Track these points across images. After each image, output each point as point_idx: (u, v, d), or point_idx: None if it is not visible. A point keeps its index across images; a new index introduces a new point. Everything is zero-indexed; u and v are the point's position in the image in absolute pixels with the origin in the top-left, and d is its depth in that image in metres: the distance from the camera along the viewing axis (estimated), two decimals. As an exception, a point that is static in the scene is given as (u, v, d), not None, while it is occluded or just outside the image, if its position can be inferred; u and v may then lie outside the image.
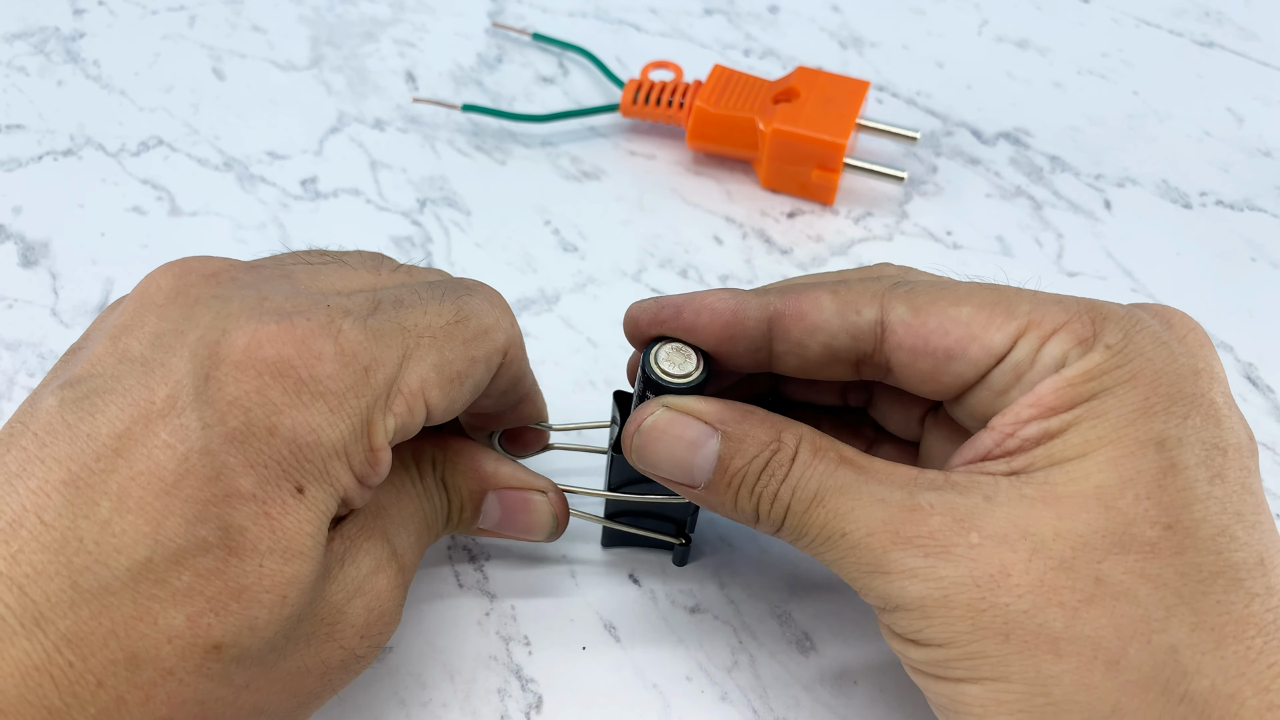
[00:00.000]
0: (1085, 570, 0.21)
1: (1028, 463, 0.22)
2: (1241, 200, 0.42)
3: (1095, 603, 0.21)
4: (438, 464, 0.28)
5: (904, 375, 0.25)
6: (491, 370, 0.26)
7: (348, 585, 0.24)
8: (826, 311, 0.24)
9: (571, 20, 0.48)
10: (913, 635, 0.22)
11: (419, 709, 0.29)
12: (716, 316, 0.25)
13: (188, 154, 0.42)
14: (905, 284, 0.25)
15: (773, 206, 0.41)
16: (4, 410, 0.35)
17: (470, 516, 0.28)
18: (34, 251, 0.39)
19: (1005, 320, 0.23)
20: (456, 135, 0.43)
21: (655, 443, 0.25)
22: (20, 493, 0.21)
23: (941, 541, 0.22)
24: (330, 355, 0.23)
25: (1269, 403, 0.36)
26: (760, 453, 0.24)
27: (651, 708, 0.29)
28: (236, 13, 0.48)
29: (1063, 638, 0.21)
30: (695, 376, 0.25)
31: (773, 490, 0.24)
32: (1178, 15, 0.49)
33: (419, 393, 0.24)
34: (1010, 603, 0.21)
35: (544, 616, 0.31)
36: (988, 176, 0.42)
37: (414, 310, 0.25)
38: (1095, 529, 0.21)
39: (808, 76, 0.41)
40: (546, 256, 0.39)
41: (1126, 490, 0.21)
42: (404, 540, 0.26)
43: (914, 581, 0.22)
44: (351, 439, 0.23)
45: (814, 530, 0.23)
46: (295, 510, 0.22)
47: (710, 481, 0.24)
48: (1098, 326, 0.23)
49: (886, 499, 0.23)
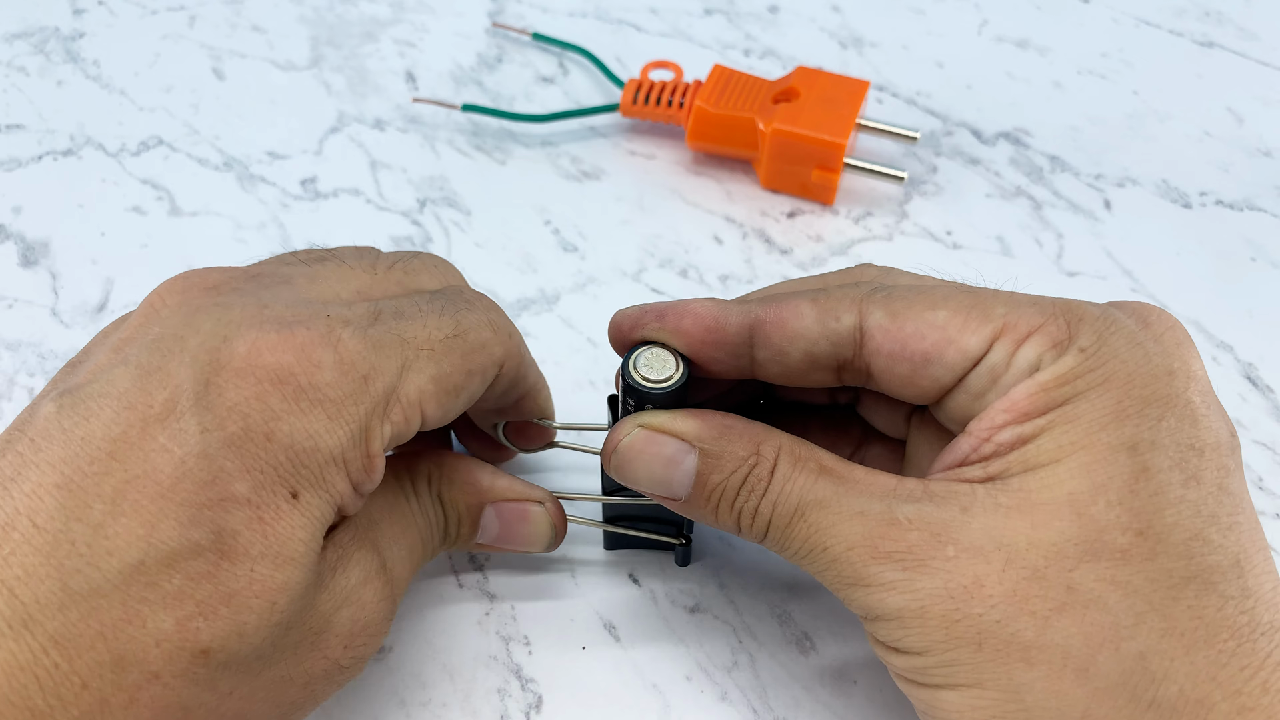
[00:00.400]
0: (1057, 579, 0.21)
1: (1003, 468, 0.23)
2: (1241, 200, 0.42)
3: (1066, 611, 0.21)
4: (434, 480, 0.28)
5: (884, 380, 0.25)
6: (486, 382, 0.26)
7: (336, 595, 0.24)
8: (807, 319, 0.25)
9: (571, 20, 0.48)
10: (893, 643, 0.23)
11: (419, 709, 0.29)
12: (699, 323, 0.25)
13: (188, 154, 0.42)
14: (883, 289, 0.25)
15: (773, 206, 0.41)
16: (3, 410, 0.35)
17: (468, 531, 0.29)
18: (34, 251, 0.39)
19: (980, 324, 0.23)
20: (456, 135, 0.43)
21: (633, 462, 0.25)
22: (14, 496, 0.21)
23: (919, 555, 0.22)
24: (330, 364, 0.23)
25: (1269, 403, 0.36)
26: (738, 468, 0.24)
27: (651, 708, 0.29)
28: (236, 13, 0.48)
29: (1033, 646, 0.21)
30: (674, 381, 0.25)
31: (753, 506, 0.24)
32: (1178, 15, 0.49)
33: (416, 403, 0.24)
34: (983, 613, 0.21)
35: (544, 616, 0.31)
36: (988, 176, 0.42)
37: (414, 322, 0.25)
38: (1067, 537, 0.21)
39: (808, 76, 0.41)
40: (546, 256, 0.39)
41: (1098, 497, 0.21)
42: (396, 554, 0.26)
43: (892, 594, 0.22)
44: (349, 446, 0.23)
45: (795, 544, 0.24)
46: (289, 516, 0.22)
47: (690, 496, 0.25)
48: (1073, 328, 0.23)
49: (866, 511, 0.23)
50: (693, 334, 0.25)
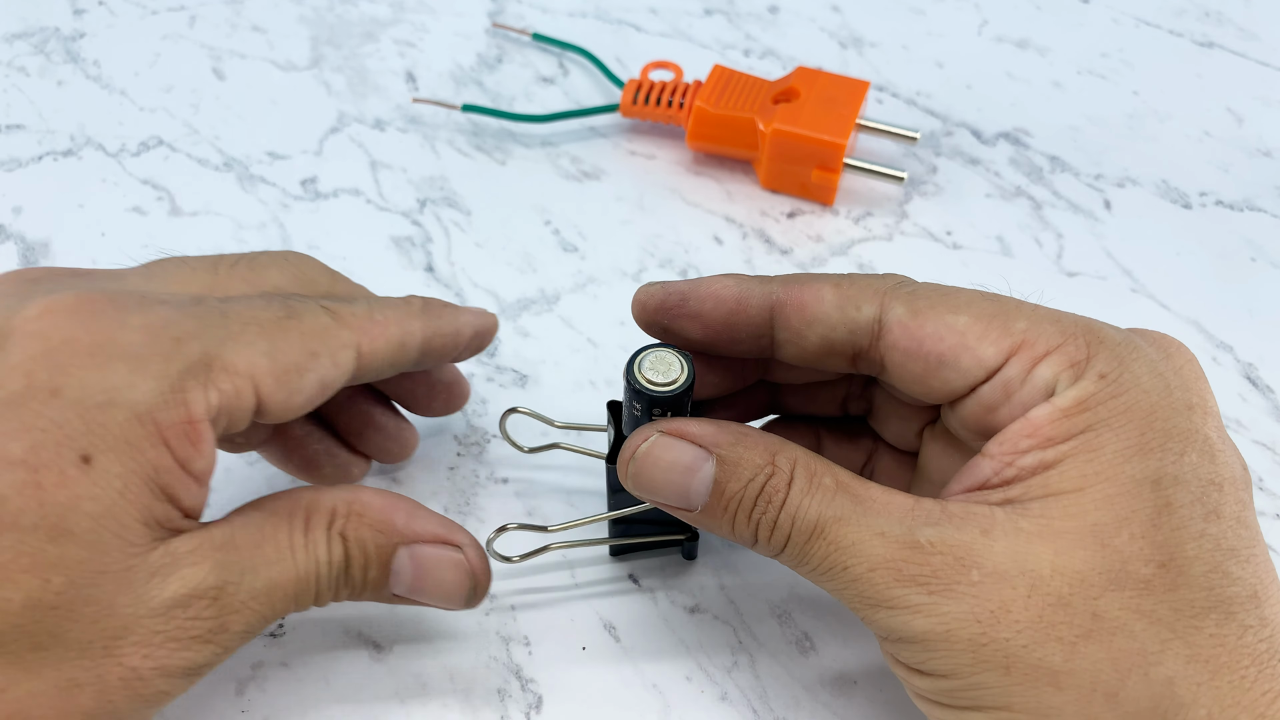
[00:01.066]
0: (1082, 606, 0.21)
1: (1022, 492, 0.23)
2: (1241, 200, 0.42)
3: (1092, 638, 0.21)
4: (339, 516, 0.25)
5: (896, 375, 0.25)
6: (342, 367, 0.25)
7: (144, 602, 0.21)
8: (827, 304, 0.25)
9: (571, 20, 0.48)
10: (916, 665, 0.23)
11: (419, 709, 0.29)
12: (721, 303, 0.25)
13: (188, 154, 0.42)
14: (908, 285, 0.25)
15: (773, 206, 0.41)
16: (4, 410, 0.35)
17: (378, 576, 0.25)
18: (34, 251, 0.39)
19: (1000, 335, 0.23)
20: (456, 135, 0.43)
21: (651, 468, 0.25)
22: None
23: (944, 579, 0.22)
24: (136, 325, 0.21)
25: (1269, 403, 0.36)
26: (755, 476, 0.24)
27: (651, 708, 0.29)
28: (236, 13, 0.48)
29: (1062, 671, 0.21)
30: (680, 384, 0.25)
31: (771, 518, 0.24)
32: (1178, 15, 0.49)
33: (247, 375, 0.23)
34: (1010, 638, 0.22)
35: (544, 616, 0.31)
36: (987, 176, 0.42)
37: (239, 303, 0.24)
38: (1092, 566, 0.22)
39: (808, 76, 0.41)
40: (546, 256, 0.39)
41: (1122, 529, 0.22)
42: (246, 586, 0.23)
43: (918, 617, 0.22)
44: (159, 405, 0.21)
45: (814, 561, 0.23)
46: (76, 483, 0.20)
47: (707, 505, 0.24)
48: (1092, 351, 0.23)
49: (886, 533, 0.23)
50: (715, 316, 0.25)
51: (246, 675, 0.29)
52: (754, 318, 0.25)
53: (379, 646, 0.30)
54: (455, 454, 0.34)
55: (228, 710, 0.29)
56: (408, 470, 0.34)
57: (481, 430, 0.35)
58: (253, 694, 0.29)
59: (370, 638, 0.30)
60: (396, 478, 0.33)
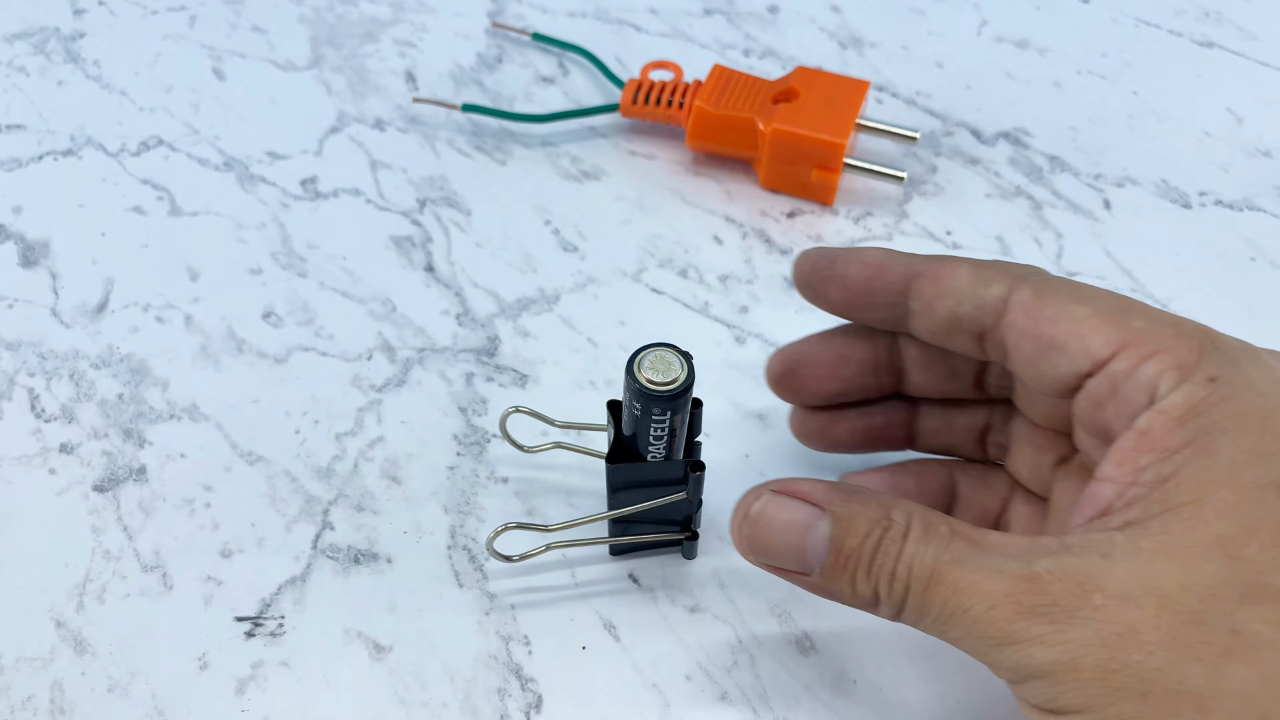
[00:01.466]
0: (1218, 623, 0.20)
1: (1142, 512, 0.22)
2: (1241, 200, 0.42)
3: (1235, 655, 0.20)
4: None
5: (1014, 357, 0.25)
6: None
7: None
8: (961, 279, 0.25)
9: (571, 20, 0.48)
10: (1049, 705, 0.22)
11: (419, 709, 0.29)
12: (865, 267, 0.27)
13: (188, 154, 0.42)
14: (1041, 274, 0.25)
15: (772, 206, 0.41)
16: (3, 409, 0.35)
17: None
18: (34, 251, 0.39)
19: (1114, 330, 0.23)
20: (456, 135, 0.43)
21: (765, 530, 0.24)
22: None
23: (1066, 606, 0.21)
24: None
25: (1269, 402, 0.36)
26: (871, 530, 0.23)
27: (651, 708, 0.29)
28: (236, 13, 0.48)
29: (1205, 693, 0.20)
30: (679, 383, 0.25)
31: (889, 569, 0.23)
32: (1177, 15, 0.49)
33: None
34: (1142, 660, 0.21)
35: (544, 616, 0.31)
36: (987, 176, 0.42)
37: None
38: (1222, 580, 0.21)
39: (807, 76, 0.41)
40: (546, 256, 0.39)
41: (1250, 539, 0.21)
42: None
43: (1042, 647, 0.21)
44: None
45: (935, 609, 0.23)
46: None
47: (826, 566, 0.24)
48: (1204, 355, 0.22)
49: (1004, 569, 0.22)
50: (859, 280, 0.26)
51: (246, 675, 0.29)
52: (892, 284, 0.26)
53: (379, 646, 0.30)
54: (455, 453, 0.34)
55: (228, 710, 0.29)
56: (408, 469, 0.34)
57: (481, 430, 0.35)
58: (253, 694, 0.29)
59: (370, 638, 0.30)
60: (396, 476, 0.33)
